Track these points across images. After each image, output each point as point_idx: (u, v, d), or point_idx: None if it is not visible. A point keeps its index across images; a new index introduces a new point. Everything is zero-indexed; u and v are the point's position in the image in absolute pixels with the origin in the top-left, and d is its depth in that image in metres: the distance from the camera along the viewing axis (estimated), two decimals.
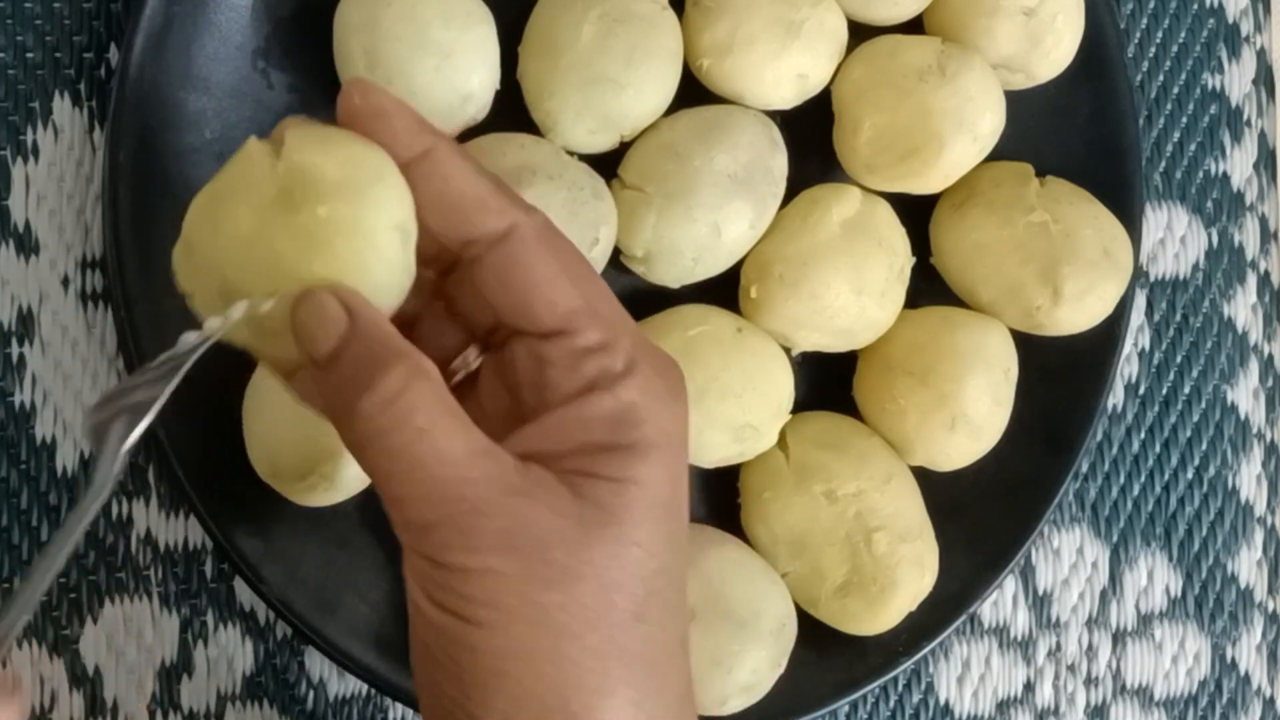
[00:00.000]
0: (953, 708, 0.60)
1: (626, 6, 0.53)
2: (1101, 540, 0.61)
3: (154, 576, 0.55)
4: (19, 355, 0.55)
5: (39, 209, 0.55)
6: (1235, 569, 0.62)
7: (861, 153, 0.55)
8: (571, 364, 0.40)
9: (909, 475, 0.55)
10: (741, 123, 0.54)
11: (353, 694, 0.56)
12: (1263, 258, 0.63)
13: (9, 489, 0.54)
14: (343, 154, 0.39)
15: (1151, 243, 0.61)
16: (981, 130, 0.54)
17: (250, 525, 0.52)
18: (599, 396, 0.40)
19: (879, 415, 0.56)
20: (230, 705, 0.55)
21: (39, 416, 0.55)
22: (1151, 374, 0.61)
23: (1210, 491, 0.62)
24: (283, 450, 0.51)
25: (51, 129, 0.55)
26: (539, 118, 0.53)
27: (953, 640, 0.60)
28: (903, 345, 0.55)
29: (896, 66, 0.54)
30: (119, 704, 0.55)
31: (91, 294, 0.55)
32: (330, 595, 0.53)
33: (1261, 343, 0.62)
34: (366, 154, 0.40)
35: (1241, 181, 0.62)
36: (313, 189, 0.39)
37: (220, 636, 0.55)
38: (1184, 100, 0.62)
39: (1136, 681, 0.61)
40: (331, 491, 0.52)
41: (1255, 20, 0.63)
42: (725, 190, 0.53)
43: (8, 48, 0.55)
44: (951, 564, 0.55)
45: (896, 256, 0.55)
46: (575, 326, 0.41)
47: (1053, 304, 0.55)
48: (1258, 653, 0.62)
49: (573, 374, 0.40)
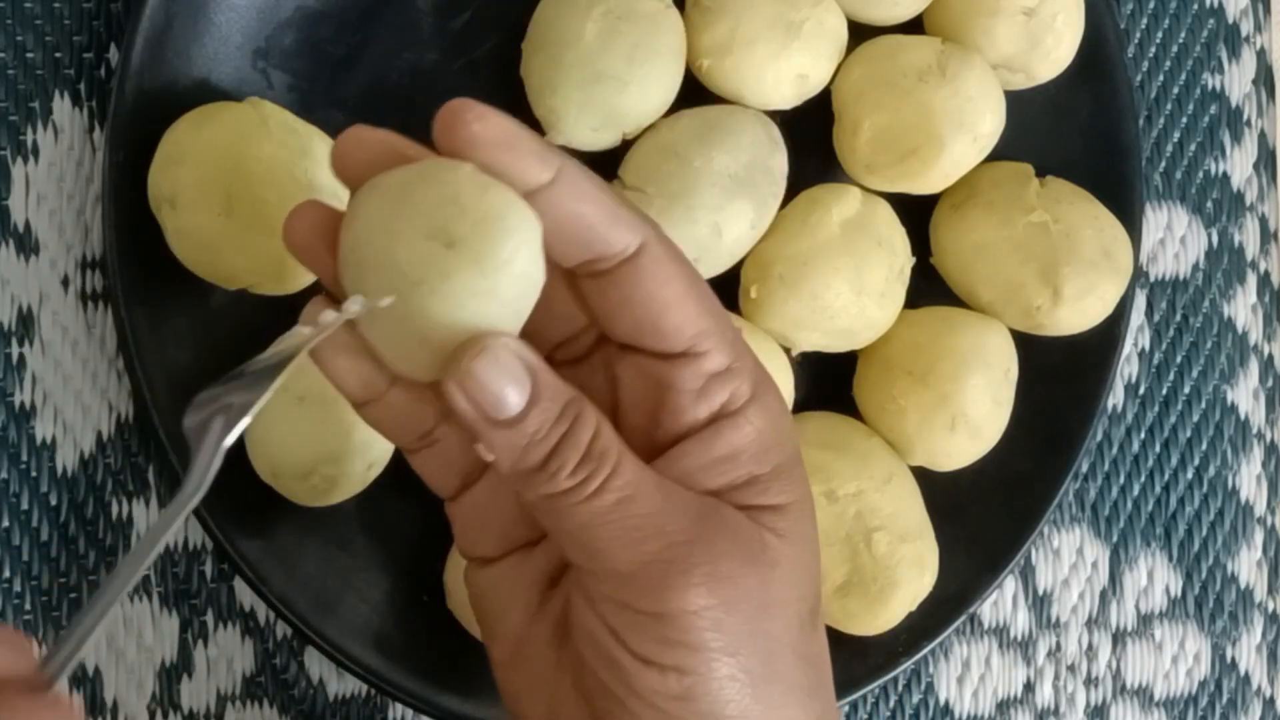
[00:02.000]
0: (953, 708, 0.60)
1: (630, 4, 0.53)
2: (1101, 540, 0.61)
3: (154, 576, 0.55)
4: (19, 355, 0.55)
5: (39, 209, 0.55)
6: (1235, 569, 0.62)
7: (861, 153, 0.55)
8: (700, 389, 0.39)
9: (909, 475, 0.55)
10: (741, 123, 0.54)
11: (352, 694, 0.56)
12: (1263, 258, 0.63)
13: (9, 489, 0.54)
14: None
15: (1151, 243, 0.61)
16: (981, 130, 0.54)
17: (250, 525, 0.52)
18: (735, 425, 0.39)
19: (879, 415, 0.56)
20: (230, 705, 0.55)
21: (39, 416, 0.55)
22: (1151, 374, 0.61)
23: (1210, 491, 0.62)
24: (283, 450, 0.51)
25: (51, 129, 0.55)
26: (541, 114, 0.53)
27: (953, 640, 0.60)
28: (903, 345, 0.55)
29: (896, 66, 0.54)
30: (119, 704, 0.55)
31: (91, 294, 0.55)
32: (330, 595, 0.53)
33: (1261, 343, 0.62)
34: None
35: (1241, 181, 0.62)
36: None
37: (220, 636, 0.55)
38: (1184, 100, 0.62)
39: (1136, 682, 0.61)
40: (331, 492, 0.52)
41: (1255, 20, 0.63)
42: (726, 190, 0.53)
43: (8, 48, 0.55)
44: (951, 564, 0.55)
45: (896, 256, 0.55)
46: (703, 349, 0.39)
47: (1053, 304, 0.55)
48: (1258, 653, 0.62)
49: (702, 400, 0.39)
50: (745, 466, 0.39)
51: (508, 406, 0.37)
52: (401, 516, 0.54)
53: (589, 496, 0.37)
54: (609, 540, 0.37)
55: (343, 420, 0.51)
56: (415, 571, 0.54)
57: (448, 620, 0.53)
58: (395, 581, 0.54)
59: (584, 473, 0.37)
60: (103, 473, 0.55)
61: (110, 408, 0.55)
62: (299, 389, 0.51)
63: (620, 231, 0.38)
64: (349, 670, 0.53)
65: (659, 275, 0.39)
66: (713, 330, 0.39)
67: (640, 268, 0.39)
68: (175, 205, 0.50)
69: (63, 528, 0.54)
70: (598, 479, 0.37)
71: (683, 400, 0.39)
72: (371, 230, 0.38)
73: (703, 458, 0.39)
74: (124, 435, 0.55)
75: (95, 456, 0.55)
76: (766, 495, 0.39)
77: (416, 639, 0.54)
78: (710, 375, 0.39)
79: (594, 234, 0.38)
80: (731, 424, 0.39)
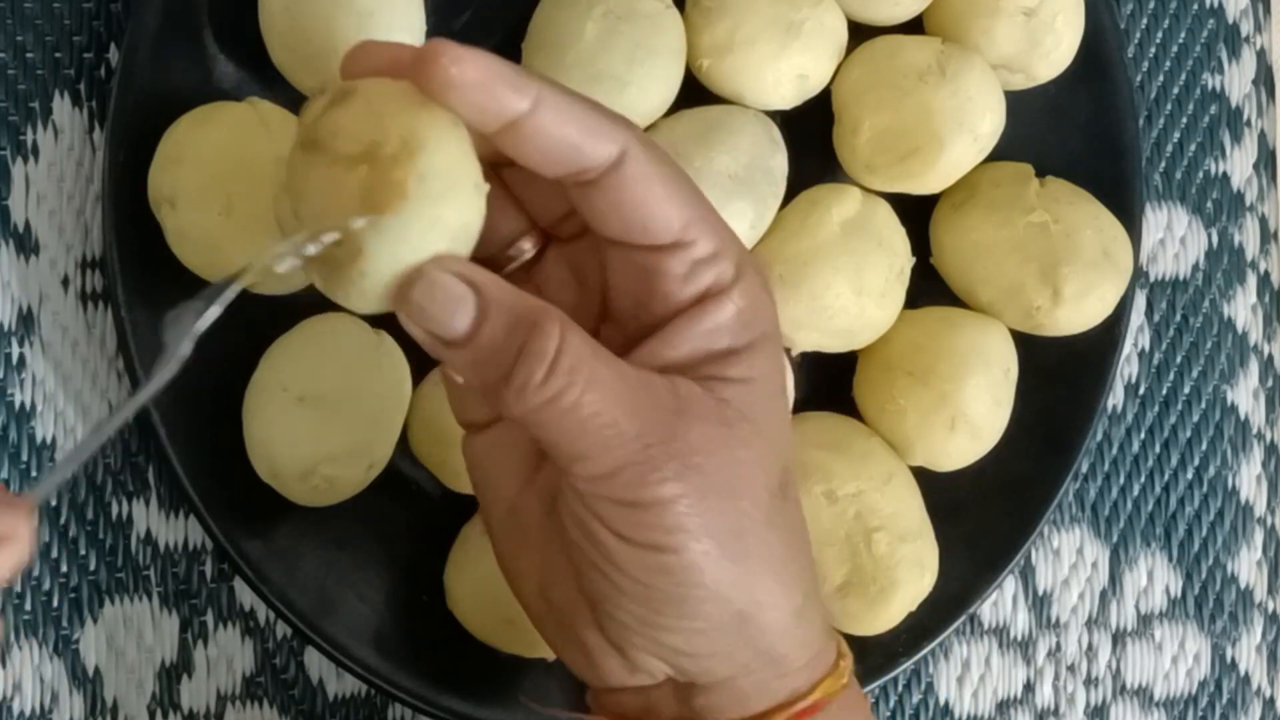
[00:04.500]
0: (952, 708, 0.60)
1: (630, 5, 0.53)
2: (1101, 540, 0.61)
3: (154, 576, 0.55)
4: (19, 355, 0.55)
5: (39, 209, 0.55)
6: (1235, 569, 0.62)
7: (861, 153, 0.55)
8: (687, 274, 0.41)
9: (909, 475, 0.55)
10: (741, 123, 0.54)
11: (352, 694, 0.56)
12: (1263, 258, 0.63)
13: (9, 489, 0.54)
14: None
15: (1151, 243, 0.61)
16: (981, 130, 0.54)
17: (250, 525, 0.52)
18: (719, 304, 0.41)
19: (879, 415, 0.56)
20: (230, 705, 0.55)
21: (39, 416, 0.55)
22: (1151, 374, 0.61)
23: (1210, 492, 0.62)
24: (283, 450, 0.51)
25: (51, 129, 0.55)
26: None
27: (953, 640, 0.60)
28: (903, 345, 0.55)
29: (896, 66, 0.54)
30: (119, 704, 0.55)
31: (91, 294, 0.55)
32: (330, 595, 0.53)
33: (1261, 343, 0.62)
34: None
35: (1241, 181, 0.62)
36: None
37: (220, 636, 0.55)
38: (1184, 100, 0.62)
39: (1136, 682, 0.61)
40: (331, 492, 0.52)
41: (1255, 20, 0.63)
42: (725, 190, 0.53)
43: (7, 48, 0.55)
44: (951, 564, 0.55)
45: (896, 256, 0.55)
46: (690, 238, 0.41)
47: (1053, 304, 0.55)
48: (1258, 653, 0.62)
49: (689, 284, 0.41)
50: (724, 340, 0.41)
51: (454, 328, 0.39)
52: (401, 516, 0.54)
53: (564, 411, 0.39)
54: (586, 447, 0.39)
55: (343, 420, 0.51)
56: (415, 571, 0.54)
57: (448, 620, 0.54)
58: (395, 581, 0.54)
59: (554, 386, 0.39)
60: (103, 473, 0.55)
61: (110, 408, 0.55)
62: (299, 389, 0.51)
63: (601, 144, 0.40)
64: (349, 670, 0.53)
65: (641, 178, 0.40)
66: (696, 219, 0.41)
67: (623, 174, 0.40)
68: (175, 205, 0.50)
69: (63, 528, 0.54)
70: (571, 394, 0.39)
71: (670, 285, 0.41)
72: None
73: (686, 334, 0.41)
74: (124, 435, 0.55)
75: (95, 456, 0.55)
76: (737, 368, 0.41)
77: (416, 639, 0.54)
78: (696, 261, 0.41)
79: (577, 152, 0.40)
80: (715, 303, 0.41)
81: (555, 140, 0.39)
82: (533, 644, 0.53)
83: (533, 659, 0.53)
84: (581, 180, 0.40)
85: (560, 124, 0.39)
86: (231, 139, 0.50)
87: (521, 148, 0.39)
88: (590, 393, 0.39)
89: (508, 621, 0.52)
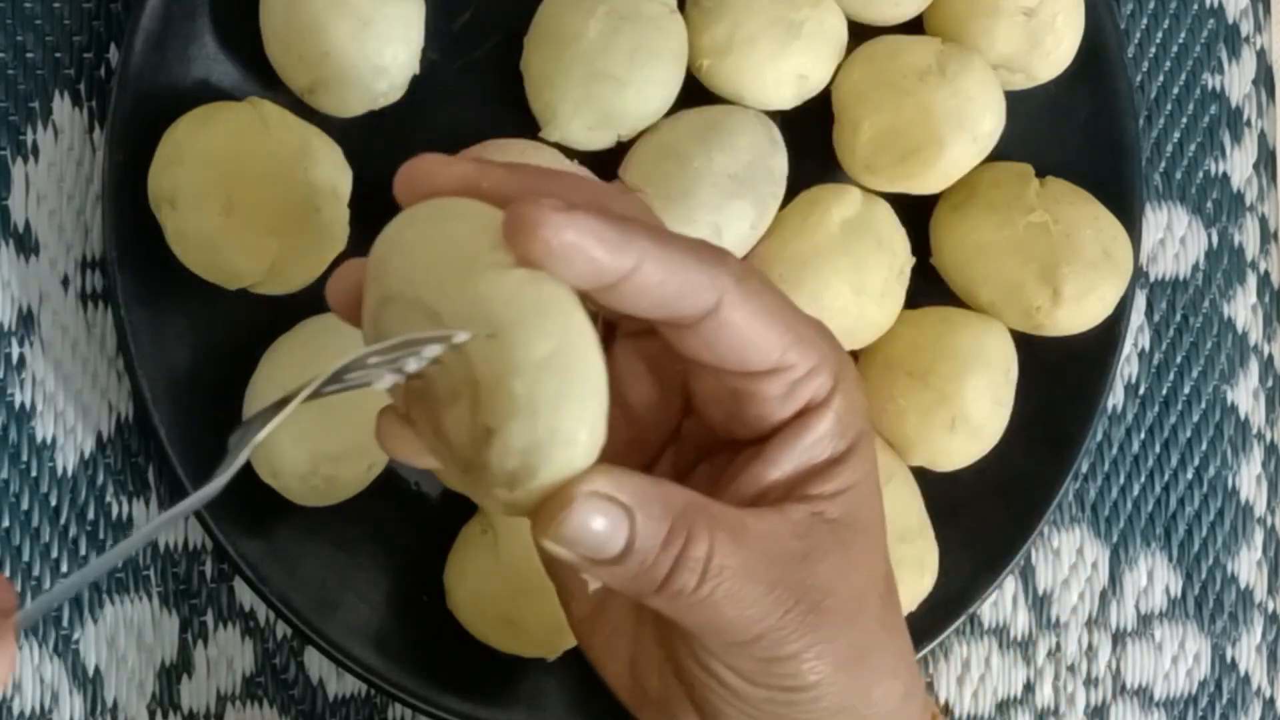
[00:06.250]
0: (953, 708, 0.60)
1: (635, 6, 0.53)
2: (1101, 540, 0.61)
3: (154, 577, 0.55)
4: (19, 355, 0.55)
5: (39, 209, 0.55)
6: (1235, 569, 0.62)
7: (861, 153, 0.55)
8: (785, 395, 0.39)
9: (909, 475, 0.55)
10: (741, 123, 0.54)
11: (352, 694, 0.56)
12: (1263, 258, 0.63)
13: (9, 489, 0.54)
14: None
15: (1151, 243, 0.61)
16: (981, 130, 0.54)
17: (250, 525, 0.52)
18: (819, 417, 0.39)
19: (879, 415, 0.56)
20: (230, 705, 0.55)
21: (39, 416, 0.55)
22: (1151, 374, 0.61)
23: (1210, 492, 0.62)
24: (283, 450, 0.51)
25: (51, 129, 0.55)
26: (538, 109, 0.53)
27: (953, 640, 0.60)
28: (903, 345, 0.55)
29: (896, 66, 0.54)
30: (119, 704, 0.55)
31: (91, 294, 0.55)
32: (330, 595, 0.53)
33: (1261, 343, 0.62)
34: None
35: (1241, 182, 0.62)
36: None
37: (220, 636, 0.55)
38: (1184, 100, 0.62)
39: (1136, 682, 0.61)
40: (331, 492, 0.52)
41: (1255, 20, 0.63)
42: (726, 190, 0.53)
43: (7, 48, 0.55)
44: (951, 564, 0.55)
45: (896, 257, 0.55)
46: (789, 363, 0.39)
47: (1053, 304, 0.55)
48: (1258, 653, 0.62)
49: (787, 403, 0.39)
50: (826, 451, 0.40)
51: (608, 551, 0.36)
52: (401, 516, 0.54)
53: (711, 605, 0.38)
54: (725, 628, 0.38)
55: (343, 420, 0.51)
56: (415, 571, 0.54)
57: (448, 620, 0.54)
58: (395, 581, 0.54)
59: (706, 590, 0.37)
60: (103, 473, 0.55)
61: (110, 408, 0.55)
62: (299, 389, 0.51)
63: (701, 294, 0.37)
64: (349, 670, 0.53)
65: (739, 321, 0.38)
66: (794, 342, 0.39)
67: (719, 319, 0.37)
68: (175, 205, 0.50)
69: (63, 528, 0.54)
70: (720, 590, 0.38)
71: (768, 407, 0.39)
72: None
73: (789, 453, 0.39)
74: (124, 435, 0.55)
75: (95, 457, 0.55)
76: (840, 478, 0.40)
77: (416, 639, 0.54)
78: (795, 381, 0.39)
79: (676, 304, 0.37)
80: (816, 416, 0.39)
81: (654, 297, 0.37)
82: (532, 644, 0.53)
83: (532, 659, 0.53)
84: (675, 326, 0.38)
85: (660, 282, 0.36)
86: (231, 139, 0.50)
87: (617, 302, 0.37)
88: (731, 580, 0.38)
89: (507, 621, 0.52)
